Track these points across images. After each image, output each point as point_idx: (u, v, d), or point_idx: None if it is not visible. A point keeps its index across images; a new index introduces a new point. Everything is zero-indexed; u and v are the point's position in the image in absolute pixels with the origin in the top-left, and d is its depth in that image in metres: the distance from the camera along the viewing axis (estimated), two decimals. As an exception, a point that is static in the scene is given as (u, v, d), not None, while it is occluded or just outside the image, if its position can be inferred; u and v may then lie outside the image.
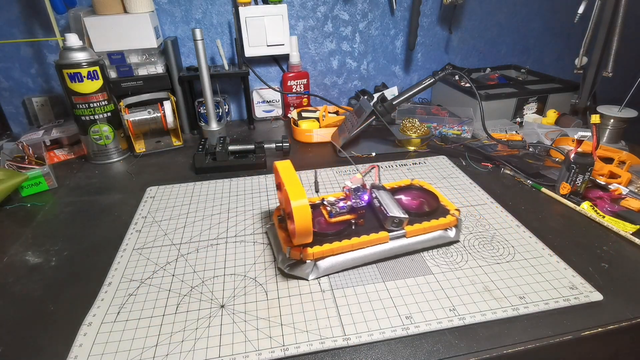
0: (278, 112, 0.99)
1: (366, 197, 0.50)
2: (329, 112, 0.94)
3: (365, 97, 0.92)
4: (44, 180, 0.66)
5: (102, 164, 0.76)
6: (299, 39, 0.97)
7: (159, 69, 0.83)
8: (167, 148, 0.82)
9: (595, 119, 0.57)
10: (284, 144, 0.76)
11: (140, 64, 0.82)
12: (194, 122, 0.91)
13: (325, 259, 0.46)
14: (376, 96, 0.79)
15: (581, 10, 0.81)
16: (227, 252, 0.51)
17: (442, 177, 0.67)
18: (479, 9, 1.04)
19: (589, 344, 0.40)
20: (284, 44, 0.91)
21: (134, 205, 0.62)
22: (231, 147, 0.72)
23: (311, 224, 0.40)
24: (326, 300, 0.42)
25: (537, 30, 1.12)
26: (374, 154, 0.77)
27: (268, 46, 0.90)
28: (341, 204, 0.49)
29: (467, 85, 0.92)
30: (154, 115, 0.78)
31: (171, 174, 0.72)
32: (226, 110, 0.97)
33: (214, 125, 0.83)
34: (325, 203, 0.51)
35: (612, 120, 0.75)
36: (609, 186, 0.60)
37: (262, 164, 0.72)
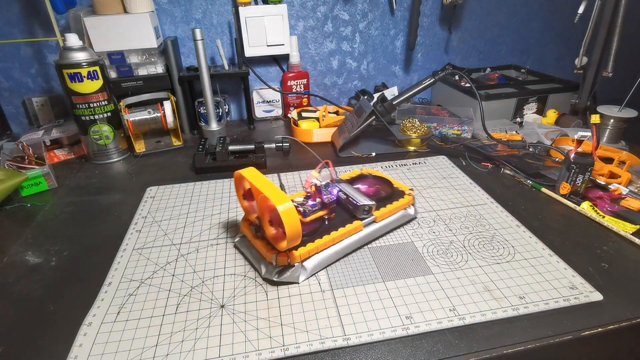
0: (278, 112, 0.99)
1: (336, 191, 0.50)
2: (329, 112, 0.94)
3: (365, 97, 0.92)
4: (44, 180, 0.66)
5: (102, 164, 0.76)
6: (299, 39, 0.97)
7: (159, 69, 0.83)
8: (167, 148, 0.82)
9: (595, 119, 0.57)
10: (284, 144, 0.76)
11: (140, 64, 0.82)
12: (194, 122, 0.91)
13: (310, 258, 0.46)
14: (376, 96, 0.79)
15: (581, 10, 0.81)
16: (227, 252, 0.51)
17: (442, 177, 0.67)
18: (479, 9, 1.04)
19: (589, 344, 0.40)
20: (284, 44, 0.91)
21: (134, 205, 0.62)
22: (231, 147, 0.72)
23: (300, 225, 0.40)
24: (326, 300, 0.42)
25: (537, 30, 1.12)
26: (374, 154, 0.77)
27: (268, 46, 0.90)
28: (310, 202, 0.49)
29: (467, 85, 0.92)
30: (154, 115, 0.78)
31: (171, 174, 0.72)
32: (226, 110, 0.97)
33: (214, 125, 0.83)
34: (294, 204, 0.50)
35: (612, 120, 0.75)
36: (609, 186, 0.60)
37: (262, 164, 0.72)
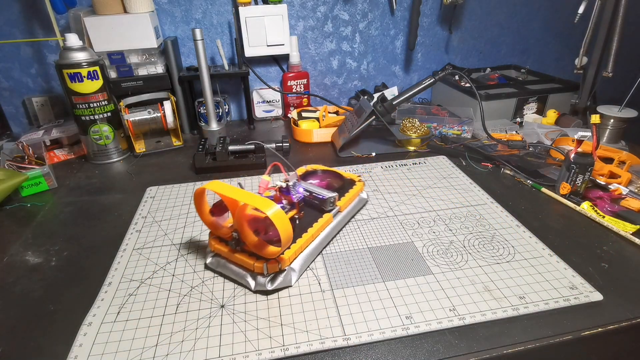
0: (278, 112, 0.99)
1: (302, 190, 0.51)
2: (329, 112, 0.94)
3: (365, 97, 0.92)
4: (44, 180, 0.66)
5: (102, 164, 0.76)
6: (299, 39, 0.97)
7: (159, 69, 0.83)
8: (167, 148, 0.82)
9: (595, 119, 0.57)
10: (284, 144, 0.76)
11: (140, 64, 0.82)
12: (194, 122, 0.91)
13: (295, 259, 0.45)
14: (376, 96, 0.79)
15: (581, 10, 0.81)
16: (227, 252, 0.51)
17: (442, 177, 0.67)
18: (479, 9, 1.04)
19: (589, 344, 0.40)
20: (284, 44, 0.91)
21: (134, 205, 0.62)
22: (231, 147, 0.72)
23: (291, 226, 0.40)
24: (326, 300, 0.42)
25: (537, 30, 1.12)
26: (374, 154, 0.77)
27: (268, 46, 0.90)
28: (279, 205, 0.49)
29: (467, 85, 0.92)
30: (154, 115, 0.78)
31: (171, 174, 0.72)
32: (226, 110, 0.97)
33: (214, 125, 0.83)
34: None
35: (612, 120, 0.75)
36: (609, 186, 0.60)
37: (262, 164, 0.72)
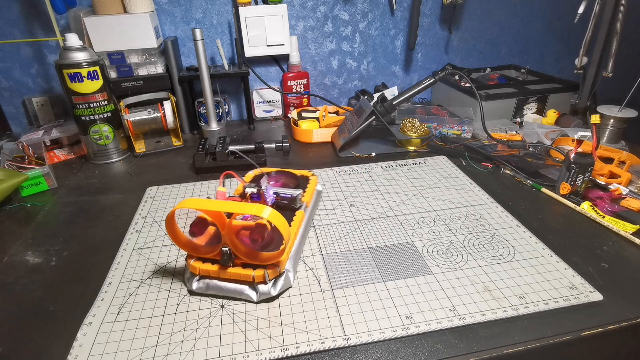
0: (278, 112, 0.99)
1: (272, 192, 0.52)
2: (329, 112, 0.94)
3: (365, 97, 0.92)
4: (44, 180, 0.66)
5: (102, 164, 0.76)
6: (299, 39, 0.97)
7: (159, 69, 0.83)
8: (167, 148, 0.82)
9: (595, 119, 0.57)
10: (284, 144, 0.76)
11: (140, 64, 0.82)
12: (194, 122, 0.91)
13: (287, 260, 0.45)
14: (376, 96, 0.79)
15: (581, 10, 0.81)
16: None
17: (442, 177, 0.67)
18: (479, 9, 1.04)
19: (589, 344, 0.40)
20: (284, 44, 0.91)
21: (134, 205, 0.62)
22: (231, 147, 0.72)
23: (288, 224, 0.40)
24: (326, 300, 0.42)
25: (537, 30, 1.12)
26: (373, 154, 0.77)
27: (268, 46, 0.90)
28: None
29: (467, 85, 0.92)
30: (154, 115, 0.78)
31: (171, 174, 0.72)
32: (226, 110, 0.97)
33: (214, 125, 0.83)
34: (239, 219, 0.46)
35: (612, 120, 0.75)
36: (609, 186, 0.60)
37: (262, 164, 0.72)
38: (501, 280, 0.44)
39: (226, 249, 0.41)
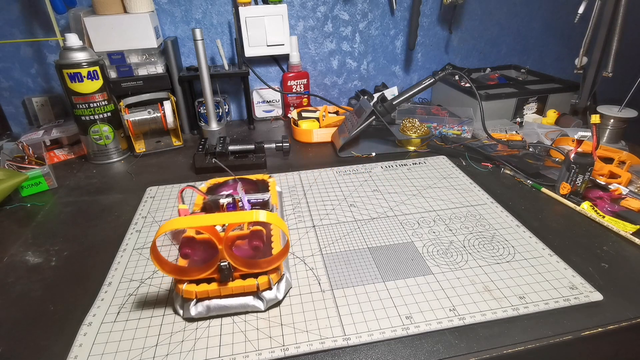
0: (278, 112, 0.99)
1: (247, 200, 0.51)
2: (329, 112, 0.94)
3: (365, 97, 0.92)
4: (44, 180, 0.66)
5: (102, 164, 0.76)
6: (299, 39, 0.97)
7: (159, 69, 0.83)
8: (167, 148, 0.82)
9: (595, 119, 0.57)
10: (284, 144, 0.76)
11: (140, 64, 0.82)
12: (194, 122, 0.91)
13: None
14: (376, 96, 0.79)
15: (581, 10, 0.81)
16: (227, 252, 0.51)
17: (442, 177, 0.67)
18: (479, 9, 1.04)
19: (589, 344, 0.40)
20: (284, 44, 0.91)
21: (134, 205, 0.62)
22: (231, 147, 0.72)
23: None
24: (326, 300, 0.42)
25: (537, 30, 1.12)
26: (373, 154, 0.77)
27: (268, 46, 0.90)
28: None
29: (467, 85, 0.92)
30: (154, 115, 0.78)
31: (171, 174, 0.72)
32: (226, 110, 0.97)
33: (214, 125, 0.83)
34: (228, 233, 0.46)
35: (612, 120, 0.75)
36: (609, 186, 0.60)
37: (262, 164, 0.72)
38: (501, 280, 0.44)
39: (225, 263, 0.39)
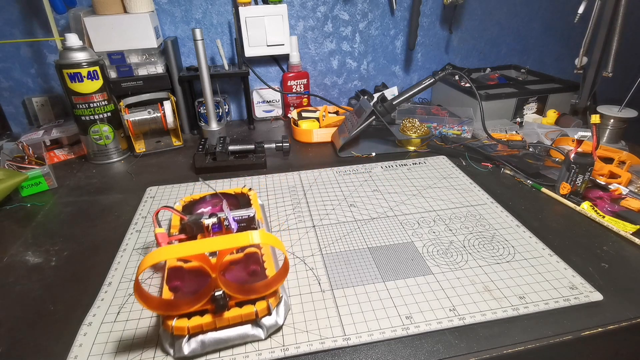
0: (278, 112, 0.99)
1: (232, 218, 0.46)
2: (329, 112, 0.94)
3: (365, 97, 0.92)
4: (44, 180, 0.66)
5: (102, 164, 0.76)
6: (299, 39, 0.97)
7: (159, 69, 0.83)
8: (167, 148, 0.82)
9: (595, 119, 0.57)
10: (284, 144, 0.76)
11: (140, 64, 0.82)
12: (194, 122, 0.91)
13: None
14: (376, 96, 0.79)
15: (581, 10, 0.81)
16: (227, 252, 0.51)
17: (442, 177, 0.67)
18: (479, 9, 1.04)
19: (589, 344, 0.40)
20: (284, 44, 0.91)
21: (134, 205, 0.62)
22: (231, 147, 0.72)
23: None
24: (326, 300, 0.42)
25: (537, 30, 1.12)
26: (373, 154, 0.77)
27: (268, 46, 0.90)
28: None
29: (467, 85, 0.92)
30: (154, 115, 0.78)
31: (171, 174, 0.72)
32: (226, 110, 0.97)
33: (214, 125, 0.83)
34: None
35: (612, 120, 0.75)
36: (609, 186, 0.60)
37: (262, 164, 0.72)
38: (501, 280, 0.44)
39: (220, 292, 0.35)
